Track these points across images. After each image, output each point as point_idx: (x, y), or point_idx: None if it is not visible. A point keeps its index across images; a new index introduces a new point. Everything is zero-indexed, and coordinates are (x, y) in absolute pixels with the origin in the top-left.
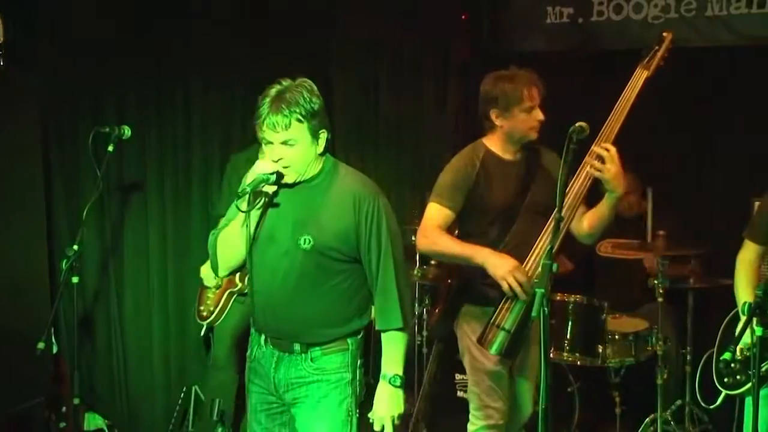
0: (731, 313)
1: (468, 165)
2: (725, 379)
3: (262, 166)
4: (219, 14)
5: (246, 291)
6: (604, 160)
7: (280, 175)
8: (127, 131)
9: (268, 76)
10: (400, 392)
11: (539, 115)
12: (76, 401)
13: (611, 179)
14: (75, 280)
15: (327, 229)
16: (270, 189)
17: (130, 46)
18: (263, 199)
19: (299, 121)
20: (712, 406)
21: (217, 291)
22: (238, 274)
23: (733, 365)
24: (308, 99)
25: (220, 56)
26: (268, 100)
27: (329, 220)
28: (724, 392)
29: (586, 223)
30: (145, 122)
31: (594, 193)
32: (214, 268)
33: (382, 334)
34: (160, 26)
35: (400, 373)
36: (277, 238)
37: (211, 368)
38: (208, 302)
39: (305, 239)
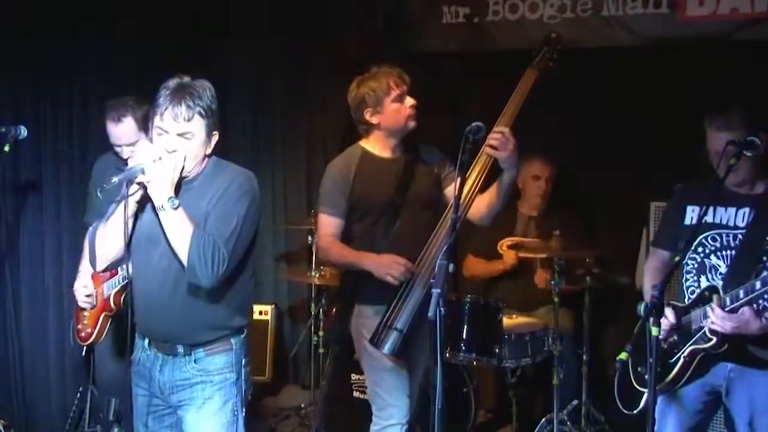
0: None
1: (344, 169)
2: (646, 377)
3: (143, 154)
4: (114, 15)
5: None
6: (499, 141)
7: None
8: (23, 131)
9: (162, 76)
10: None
11: (410, 100)
12: None
13: (507, 158)
14: None
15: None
16: (144, 179)
17: (24, 46)
18: (140, 189)
19: (201, 115)
20: (635, 411)
21: (92, 311)
22: (112, 296)
23: (651, 360)
24: (209, 96)
25: (116, 57)
26: (170, 90)
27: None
28: (645, 391)
29: (484, 203)
30: (41, 122)
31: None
32: (92, 262)
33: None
34: (54, 26)
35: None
36: (158, 239)
37: (99, 389)
38: (86, 322)
39: None
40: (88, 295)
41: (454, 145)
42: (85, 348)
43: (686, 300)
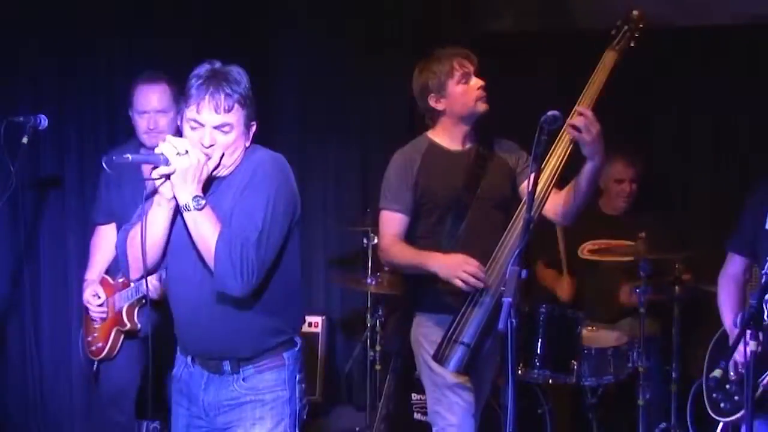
0: (718, 333)
1: (408, 161)
2: (721, 405)
3: (167, 145)
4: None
5: (136, 330)
6: (583, 123)
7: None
8: (44, 121)
9: (197, 61)
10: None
11: (478, 81)
12: None
13: (591, 142)
14: None
15: None
16: (167, 170)
17: (47, 28)
18: (165, 181)
19: (240, 104)
20: None
21: (104, 324)
22: (125, 310)
23: (728, 387)
24: (246, 83)
25: (145, 43)
26: (203, 79)
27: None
28: (720, 421)
29: (563, 199)
30: (63, 111)
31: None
32: (125, 270)
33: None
34: (83, 9)
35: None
36: (193, 242)
37: (101, 404)
38: (96, 335)
39: None
40: (100, 305)
41: (527, 135)
42: (96, 363)
43: (765, 317)
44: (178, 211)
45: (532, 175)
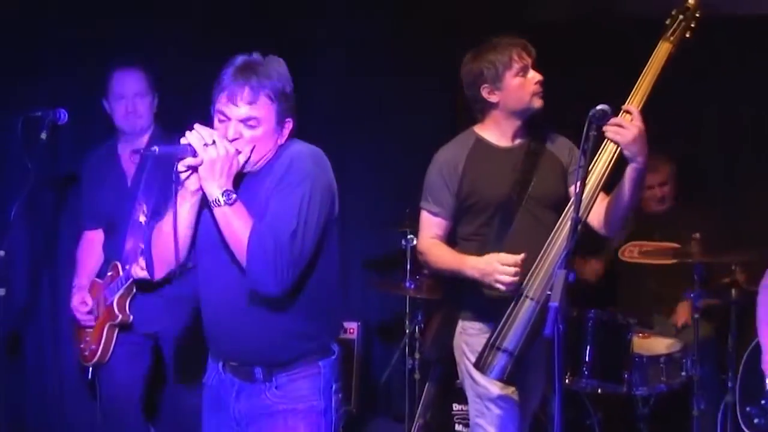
0: (753, 343)
1: (451, 160)
2: (755, 420)
3: (194, 135)
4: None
5: (129, 322)
6: (623, 123)
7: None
8: (63, 115)
9: (223, 51)
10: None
11: (536, 75)
12: None
13: (629, 142)
14: (1, 292)
15: None
16: (194, 162)
17: (66, 21)
18: (191, 173)
19: (269, 98)
20: None
21: (95, 325)
22: (115, 302)
23: (763, 402)
24: (281, 76)
25: (171, 35)
26: (233, 68)
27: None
28: None
29: (608, 206)
30: (83, 105)
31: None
32: (149, 268)
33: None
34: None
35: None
36: (223, 240)
37: (103, 411)
38: (88, 339)
39: None
40: (89, 312)
41: (573, 131)
42: (91, 369)
43: None
44: (203, 208)
45: (580, 173)
